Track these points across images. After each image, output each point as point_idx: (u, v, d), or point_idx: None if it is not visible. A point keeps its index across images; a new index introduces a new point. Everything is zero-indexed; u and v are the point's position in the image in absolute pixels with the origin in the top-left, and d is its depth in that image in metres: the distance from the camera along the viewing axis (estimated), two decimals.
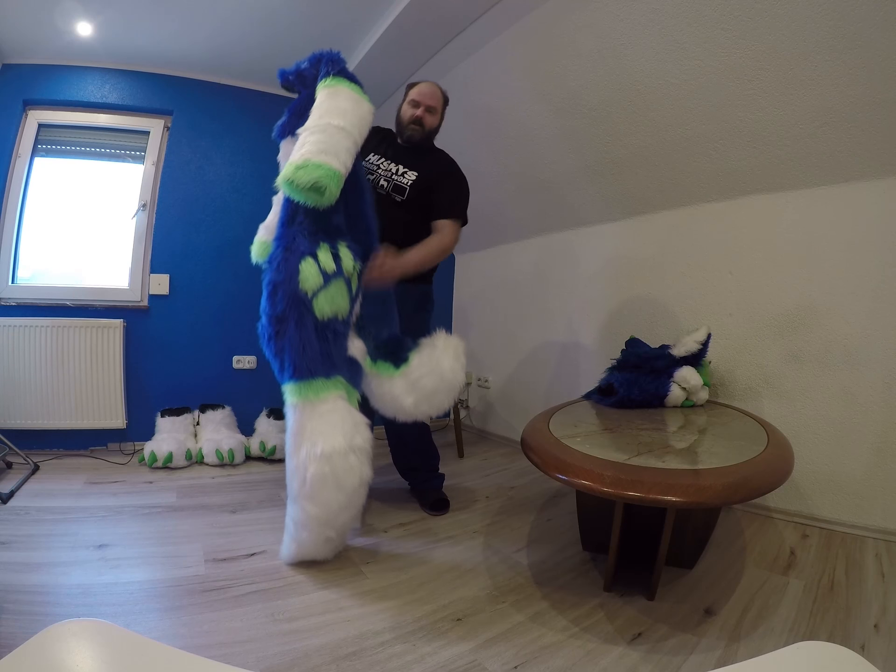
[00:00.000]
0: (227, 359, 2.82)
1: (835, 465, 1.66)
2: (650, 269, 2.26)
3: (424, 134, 1.81)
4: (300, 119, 1.50)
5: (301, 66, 1.61)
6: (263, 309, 1.41)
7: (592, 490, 1.05)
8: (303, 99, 1.59)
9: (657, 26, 1.71)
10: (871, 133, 1.52)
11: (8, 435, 2.15)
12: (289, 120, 1.59)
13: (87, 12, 2.19)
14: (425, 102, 1.78)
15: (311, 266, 1.35)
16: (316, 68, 1.58)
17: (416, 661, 1.00)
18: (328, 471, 1.27)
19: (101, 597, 1.19)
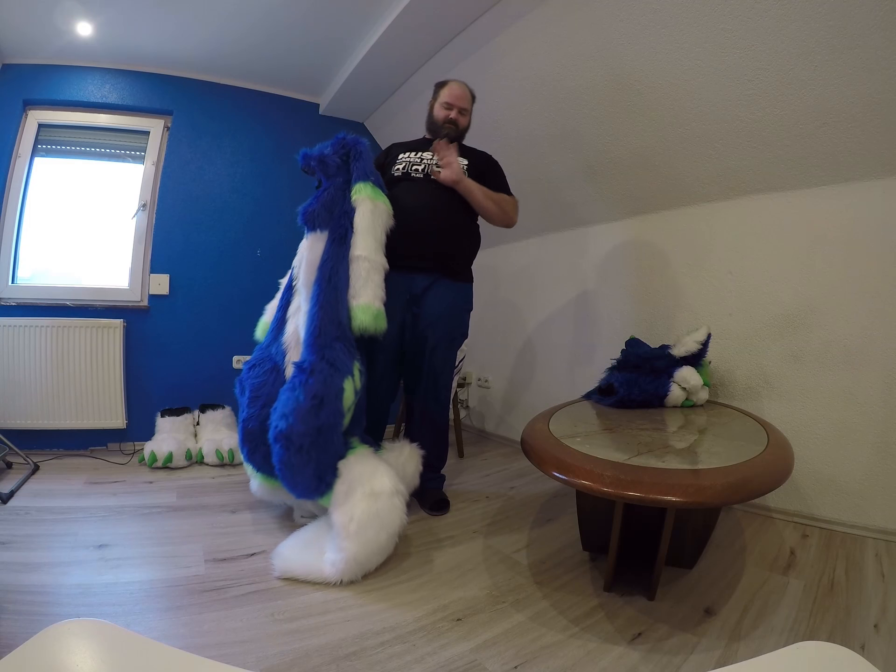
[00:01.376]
0: (227, 359, 2.82)
1: (835, 465, 1.66)
2: (650, 269, 2.26)
3: (458, 133, 1.90)
4: (330, 214, 1.60)
5: (324, 153, 1.63)
6: (300, 417, 1.39)
7: (592, 490, 1.04)
8: (332, 192, 1.61)
9: (657, 26, 1.71)
10: (871, 133, 1.52)
11: (8, 435, 2.15)
12: (318, 212, 1.59)
13: (87, 12, 2.19)
14: (458, 105, 1.88)
15: (350, 386, 1.47)
16: (340, 155, 1.64)
17: (416, 661, 0.99)
18: (376, 510, 1.35)
19: (101, 597, 1.19)
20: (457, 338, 1.96)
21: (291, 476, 1.42)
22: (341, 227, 1.58)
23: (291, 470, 1.40)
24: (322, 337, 1.49)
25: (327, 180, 1.62)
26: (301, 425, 1.37)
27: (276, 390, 1.52)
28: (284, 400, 1.41)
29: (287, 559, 1.36)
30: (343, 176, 1.64)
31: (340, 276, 1.55)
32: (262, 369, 1.62)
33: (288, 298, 1.71)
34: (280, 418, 1.39)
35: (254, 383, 1.60)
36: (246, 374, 1.65)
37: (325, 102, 3.05)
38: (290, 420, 1.37)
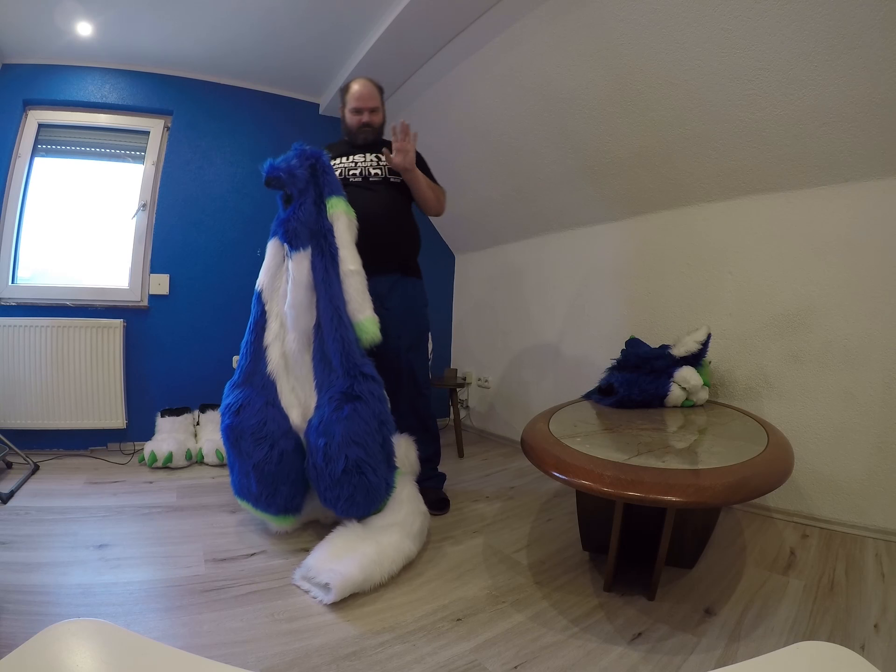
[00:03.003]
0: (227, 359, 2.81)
1: (835, 465, 1.66)
2: (650, 269, 2.26)
3: (376, 132, 1.90)
4: (309, 231, 1.60)
5: (291, 164, 1.61)
6: (371, 439, 1.43)
7: (592, 490, 1.05)
8: (308, 208, 1.61)
9: (657, 26, 1.71)
10: (871, 133, 1.52)
11: (8, 435, 2.16)
12: (300, 230, 1.59)
13: (87, 12, 2.19)
14: (366, 106, 1.86)
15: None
16: (306, 168, 1.63)
17: (416, 661, 1.00)
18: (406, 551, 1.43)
19: (101, 597, 1.19)
20: (423, 332, 1.98)
21: (366, 498, 1.44)
22: (328, 244, 1.59)
23: (367, 492, 1.43)
24: (353, 356, 1.50)
25: (299, 195, 1.61)
26: (374, 446, 1.43)
27: (281, 426, 1.51)
28: (346, 429, 1.41)
29: (345, 576, 1.23)
30: (313, 190, 1.63)
31: (337, 293, 1.56)
32: (252, 409, 1.51)
33: (261, 324, 1.62)
34: (351, 446, 1.40)
35: (253, 425, 1.49)
36: (233, 419, 1.50)
37: (325, 102, 3.05)
38: (366, 446, 1.41)
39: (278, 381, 1.58)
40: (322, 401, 1.51)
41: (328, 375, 1.54)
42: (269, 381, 1.57)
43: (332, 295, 1.55)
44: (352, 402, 1.44)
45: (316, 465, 1.45)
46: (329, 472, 1.41)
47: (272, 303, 1.62)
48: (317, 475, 1.45)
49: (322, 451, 1.42)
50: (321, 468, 1.43)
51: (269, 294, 1.63)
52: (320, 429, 1.45)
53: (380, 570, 1.28)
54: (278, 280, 1.64)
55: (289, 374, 1.61)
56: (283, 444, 1.49)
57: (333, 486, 1.42)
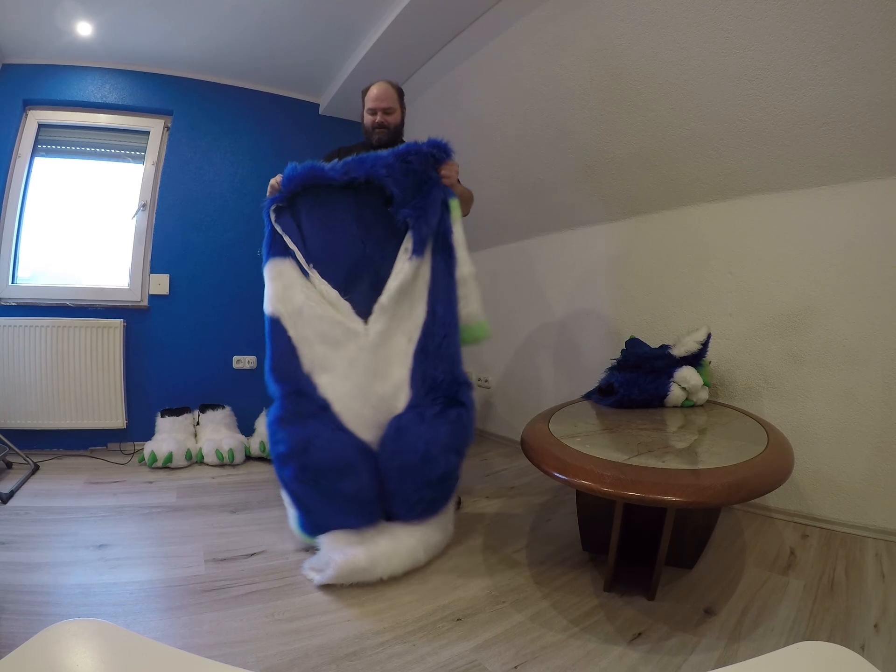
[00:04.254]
0: (227, 359, 2.82)
1: (835, 465, 1.66)
2: (650, 269, 2.26)
3: (391, 133, 1.87)
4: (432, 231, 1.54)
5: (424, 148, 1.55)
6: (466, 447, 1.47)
7: (592, 490, 1.05)
8: (436, 208, 1.54)
9: (657, 26, 1.71)
10: (871, 133, 1.52)
11: (8, 435, 2.15)
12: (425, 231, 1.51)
13: (87, 12, 2.19)
14: (381, 107, 1.83)
15: None
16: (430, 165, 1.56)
17: (416, 661, 0.99)
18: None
19: (101, 597, 1.19)
20: None
21: (440, 507, 1.45)
22: (447, 245, 1.56)
23: (445, 501, 1.44)
24: (460, 363, 1.50)
25: (426, 195, 1.52)
26: (463, 457, 1.47)
27: (358, 447, 1.41)
28: (451, 434, 1.41)
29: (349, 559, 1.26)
30: (439, 191, 1.54)
31: (453, 296, 1.54)
32: (322, 441, 1.38)
33: (289, 353, 1.49)
34: (450, 453, 1.40)
35: (329, 459, 1.37)
36: (305, 460, 1.37)
37: (325, 102, 3.05)
38: (461, 457, 1.43)
39: (334, 402, 1.47)
40: (420, 399, 1.46)
41: (431, 374, 1.48)
42: (322, 404, 1.46)
43: (450, 298, 1.52)
44: (457, 407, 1.43)
45: (406, 465, 1.38)
46: (425, 473, 1.38)
47: (294, 327, 1.49)
48: (403, 475, 1.39)
49: (423, 451, 1.37)
50: (414, 468, 1.38)
51: (289, 320, 1.50)
52: (421, 428, 1.40)
53: (386, 565, 1.28)
54: (290, 302, 1.51)
55: (345, 380, 1.48)
56: (368, 465, 1.41)
57: (422, 489, 1.39)
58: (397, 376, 1.49)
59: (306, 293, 1.49)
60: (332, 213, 1.54)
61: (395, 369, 1.50)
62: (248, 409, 2.72)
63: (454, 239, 1.56)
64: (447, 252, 1.55)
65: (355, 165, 1.50)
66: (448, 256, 1.55)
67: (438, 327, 1.50)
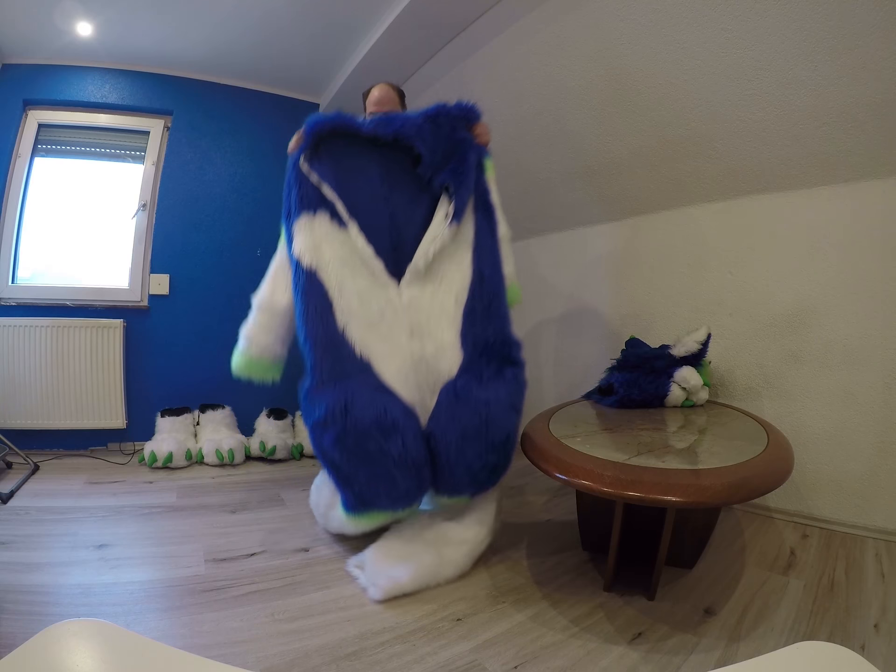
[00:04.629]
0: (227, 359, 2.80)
1: (835, 465, 1.66)
2: (650, 269, 2.26)
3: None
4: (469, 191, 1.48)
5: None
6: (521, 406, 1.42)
7: (592, 490, 1.05)
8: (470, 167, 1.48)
9: (657, 26, 1.71)
10: (871, 133, 1.52)
11: (8, 435, 2.15)
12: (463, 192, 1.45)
13: (87, 12, 2.19)
14: (380, 110, 1.80)
15: None
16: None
17: (416, 661, 0.99)
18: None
19: (101, 597, 1.19)
20: None
21: (501, 472, 1.41)
22: (487, 204, 1.51)
23: (505, 466, 1.40)
24: (510, 325, 1.47)
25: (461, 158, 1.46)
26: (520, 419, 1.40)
27: (402, 409, 1.32)
28: (510, 393, 1.37)
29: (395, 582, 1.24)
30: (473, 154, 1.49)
31: (497, 258, 1.50)
32: (363, 401, 1.27)
33: (325, 306, 1.37)
34: (511, 413, 1.36)
35: (373, 418, 1.25)
36: (345, 423, 1.24)
37: (325, 102, 3.05)
38: (520, 416, 1.38)
39: (372, 360, 1.36)
40: (473, 362, 1.40)
41: (482, 336, 1.43)
42: (362, 364, 1.35)
43: (495, 259, 1.48)
44: (512, 367, 1.39)
45: (469, 430, 1.30)
46: (490, 436, 1.31)
47: (330, 279, 1.38)
48: (466, 442, 1.30)
49: (486, 413, 1.30)
50: (478, 432, 1.30)
51: (325, 273, 1.39)
52: (481, 391, 1.33)
53: (432, 582, 1.28)
54: (325, 255, 1.41)
55: (384, 341, 1.40)
56: (412, 425, 1.31)
57: (487, 453, 1.32)
58: (444, 338, 1.42)
59: (342, 245, 1.41)
60: (357, 168, 1.47)
61: (441, 331, 1.42)
62: (248, 409, 2.72)
63: (493, 200, 1.53)
64: (487, 211, 1.50)
65: (384, 123, 1.45)
66: (489, 215, 1.51)
67: (486, 288, 1.45)
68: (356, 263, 1.42)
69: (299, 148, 1.45)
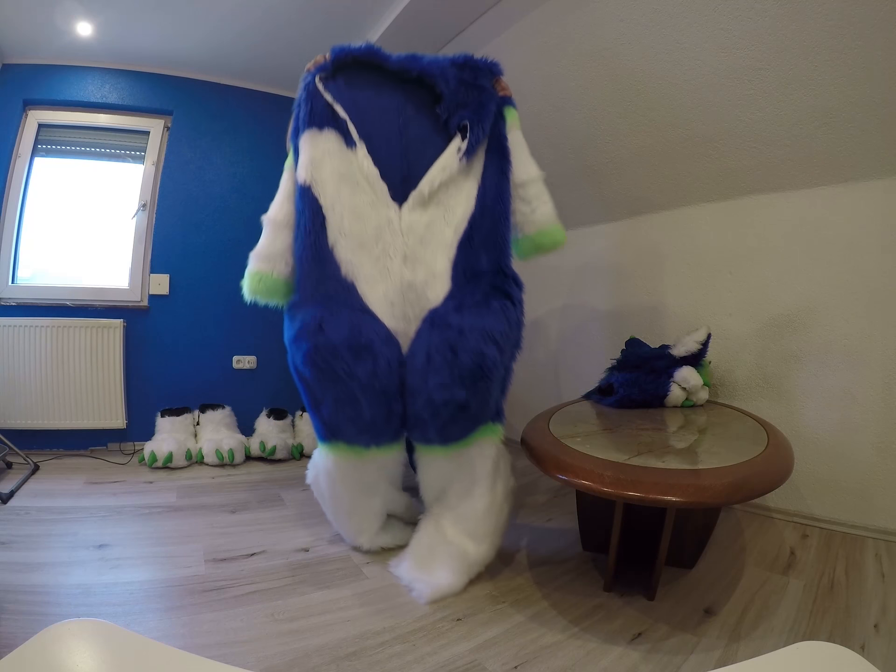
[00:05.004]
0: (227, 359, 2.82)
1: (835, 464, 1.66)
2: (650, 269, 2.26)
3: None
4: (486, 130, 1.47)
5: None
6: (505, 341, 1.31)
7: (592, 490, 1.05)
8: (489, 109, 1.48)
9: (657, 26, 1.71)
10: (871, 133, 1.52)
11: (8, 435, 2.15)
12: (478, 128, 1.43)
13: (87, 12, 2.19)
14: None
15: None
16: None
17: (416, 661, 0.99)
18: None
19: (101, 597, 1.19)
20: None
21: (474, 415, 1.28)
22: (503, 148, 1.49)
23: (480, 408, 1.27)
24: (510, 260, 1.44)
25: (481, 104, 1.46)
26: (506, 359, 1.31)
27: (379, 331, 1.27)
28: (490, 324, 1.24)
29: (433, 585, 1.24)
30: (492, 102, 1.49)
31: (507, 197, 1.47)
32: (339, 320, 1.24)
33: (319, 223, 1.33)
34: (489, 343, 1.21)
35: (345, 337, 1.21)
36: (317, 338, 1.21)
37: None
38: (502, 352, 1.25)
39: (357, 282, 1.33)
40: (459, 290, 1.34)
41: (473, 264, 1.39)
42: (346, 284, 1.32)
43: (501, 193, 1.44)
44: (501, 299, 1.31)
45: (432, 358, 1.22)
46: (456, 364, 1.20)
47: (325, 195, 1.35)
48: (430, 369, 1.22)
49: (453, 340, 1.21)
50: (442, 361, 1.21)
51: (320, 188, 1.35)
52: (455, 316, 1.26)
53: (467, 578, 1.29)
54: (323, 171, 1.37)
55: (366, 280, 1.35)
56: (388, 351, 1.26)
57: (450, 387, 1.21)
58: (436, 266, 1.38)
59: (345, 163, 1.38)
60: (376, 97, 1.46)
61: (434, 259, 1.38)
62: (248, 409, 2.72)
63: (511, 143, 1.52)
64: (501, 154, 1.49)
65: (411, 59, 1.46)
66: (501, 158, 1.48)
67: (487, 219, 1.41)
68: (358, 181, 1.38)
69: (316, 68, 1.44)
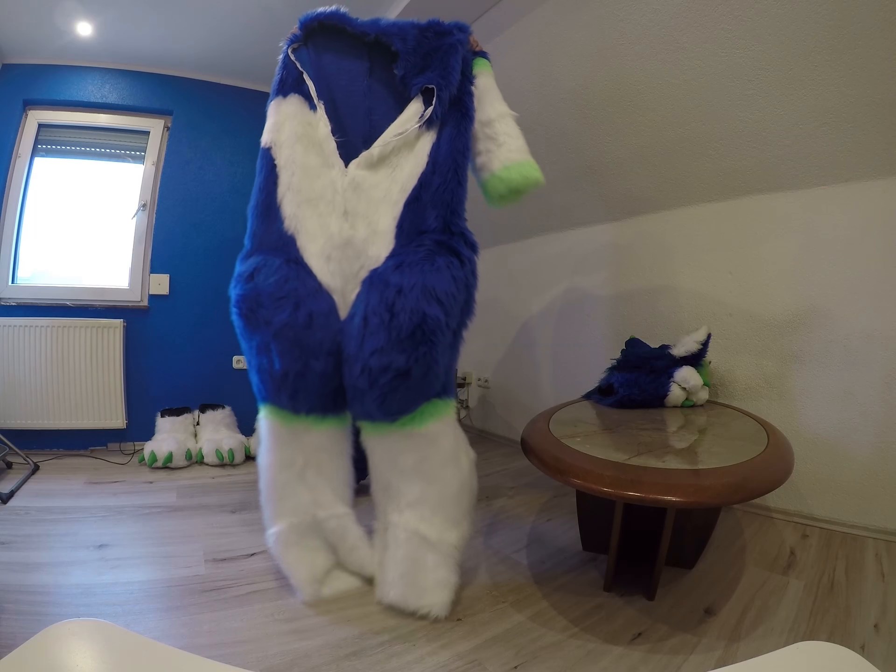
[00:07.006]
0: (227, 359, 2.82)
1: (835, 464, 1.66)
2: (650, 269, 2.26)
3: None
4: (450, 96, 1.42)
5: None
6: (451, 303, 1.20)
7: (592, 490, 1.04)
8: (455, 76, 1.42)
9: (657, 26, 1.71)
10: (871, 133, 1.52)
11: (8, 435, 2.15)
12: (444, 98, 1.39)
13: (87, 12, 2.19)
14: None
15: None
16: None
17: (416, 661, 0.99)
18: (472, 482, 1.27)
19: (101, 597, 1.19)
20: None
21: (417, 386, 1.16)
22: (466, 107, 1.44)
23: (423, 377, 1.15)
24: (461, 215, 1.35)
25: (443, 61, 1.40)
26: (453, 322, 1.19)
27: (307, 284, 1.24)
28: (433, 282, 1.15)
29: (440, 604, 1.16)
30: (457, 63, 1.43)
31: (461, 147, 1.41)
32: (269, 269, 1.24)
33: (272, 181, 1.37)
34: (432, 304, 1.13)
35: (270, 285, 1.21)
36: (245, 286, 1.26)
37: None
38: (448, 313, 1.15)
39: (298, 235, 1.32)
40: (401, 248, 1.27)
41: (418, 221, 1.31)
42: (286, 237, 1.32)
43: (455, 146, 1.38)
44: (448, 256, 1.23)
45: (369, 320, 1.14)
46: (393, 326, 1.11)
47: (281, 156, 1.39)
48: (366, 333, 1.14)
49: (390, 300, 1.13)
50: (379, 323, 1.12)
51: (277, 149, 1.39)
52: (394, 275, 1.17)
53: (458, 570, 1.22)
54: (283, 133, 1.41)
55: (305, 233, 1.33)
56: (312, 303, 1.21)
57: (388, 351, 1.12)
58: (379, 223, 1.33)
59: (303, 125, 1.41)
60: (343, 59, 1.49)
61: (377, 215, 1.33)
62: (248, 409, 2.70)
63: (479, 89, 1.49)
64: (463, 112, 1.44)
65: (372, 23, 1.47)
66: (463, 116, 1.44)
67: (437, 175, 1.34)
68: (312, 142, 1.41)
69: (289, 38, 1.51)
